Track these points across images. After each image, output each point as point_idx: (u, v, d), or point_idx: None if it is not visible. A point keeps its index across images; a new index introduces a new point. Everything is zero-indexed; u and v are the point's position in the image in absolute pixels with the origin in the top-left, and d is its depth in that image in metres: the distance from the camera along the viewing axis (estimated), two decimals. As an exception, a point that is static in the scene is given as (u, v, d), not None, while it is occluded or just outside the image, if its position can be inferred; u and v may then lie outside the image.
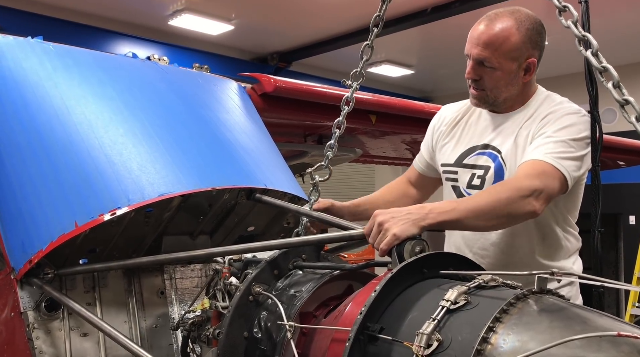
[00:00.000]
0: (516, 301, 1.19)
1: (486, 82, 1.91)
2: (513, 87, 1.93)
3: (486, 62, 1.87)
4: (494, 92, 1.93)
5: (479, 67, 1.89)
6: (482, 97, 1.97)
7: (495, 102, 1.98)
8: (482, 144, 2.04)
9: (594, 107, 1.69)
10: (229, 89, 2.75)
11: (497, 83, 1.91)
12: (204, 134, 2.21)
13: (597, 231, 1.75)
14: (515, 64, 1.89)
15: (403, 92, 11.23)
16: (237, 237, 2.28)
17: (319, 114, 3.30)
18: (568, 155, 1.80)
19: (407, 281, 1.39)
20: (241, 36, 9.02)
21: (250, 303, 1.64)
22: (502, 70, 1.88)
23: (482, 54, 1.86)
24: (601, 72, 1.20)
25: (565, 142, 1.81)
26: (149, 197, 1.86)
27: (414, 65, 10.40)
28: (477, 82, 1.93)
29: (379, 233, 1.52)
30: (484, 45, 1.85)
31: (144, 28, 8.53)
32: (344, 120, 1.89)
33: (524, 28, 1.86)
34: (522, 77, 1.92)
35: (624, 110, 1.17)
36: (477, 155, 2.03)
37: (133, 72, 2.41)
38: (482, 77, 1.91)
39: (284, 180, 2.24)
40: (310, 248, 1.80)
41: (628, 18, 7.91)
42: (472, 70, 1.90)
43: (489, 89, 1.92)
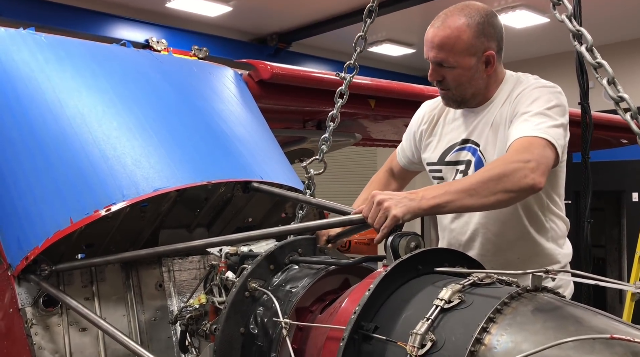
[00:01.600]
0: (510, 300, 1.18)
1: (449, 81, 1.93)
2: (477, 82, 1.94)
3: (444, 63, 1.89)
4: (459, 90, 1.95)
5: (438, 68, 1.92)
6: (450, 96, 1.98)
7: (463, 99, 1.99)
8: (461, 139, 2.06)
9: (584, 98, 1.67)
10: (225, 77, 2.72)
11: (459, 80, 1.92)
12: (199, 126, 2.19)
13: (587, 222, 1.73)
14: (474, 59, 1.89)
15: (404, 71, 11.14)
16: (234, 229, 2.28)
17: (317, 100, 3.27)
18: (548, 124, 1.78)
19: (402, 278, 1.39)
20: (240, 17, 8.91)
21: (247, 299, 1.64)
22: (461, 68, 1.89)
23: (438, 56, 1.88)
24: (596, 68, 1.18)
25: (542, 114, 1.80)
26: (144, 192, 1.85)
27: (415, 44, 10.28)
28: (441, 83, 1.95)
29: (378, 212, 1.53)
30: (439, 47, 1.87)
31: (142, 10, 8.44)
32: (338, 113, 1.87)
33: (475, 23, 1.86)
34: (484, 70, 1.93)
35: (619, 107, 1.14)
36: (457, 151, 2.06)
37: (127, 63, 2.38)
38: (444, 78, 1.93)
39: (280, 171, 2.23)
40: (306, 242, 1.79)
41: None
42: (433, 72, 1.93)
43: (453, 87, 1.94)
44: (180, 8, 8.44)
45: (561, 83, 2.11)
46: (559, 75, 2.41)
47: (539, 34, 9.22)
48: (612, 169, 9.68)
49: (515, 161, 1.67)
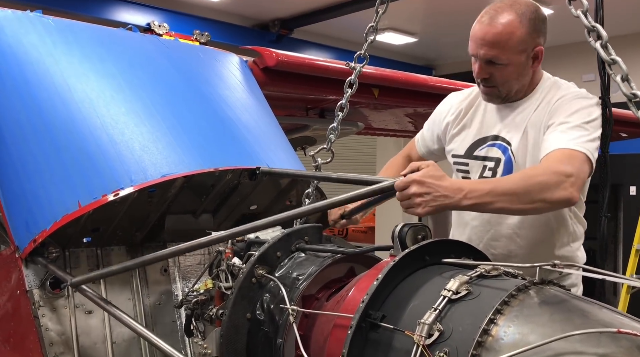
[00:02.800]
0: (517, 292, 1.20)
1: (497, 78, 1.89)
2: (524, 78, 1.92)
3: (495, 61, 1.85)
4: (506, 87, 1.92)
5: (487, 66, 1.87)
6: (494, 93, 1.95)
7: (508, 96, 1.97)
8: (492, 135, 2.02)
9: (605, 93, 1.66)
10: (231, 63, 2.72)
11: (508, 77, 1.89)
12: (206, 112, 2.20)
13: (604, 216, 1.74)
14: (524, 56, 1.87)
15: (406, 60, 11.09)
16: (239, 216, 2.29)
17: (322, 88, 3.28)
18: (587, 138, 1.77)
19: (409, 268, 1.40)
20: (242, 2, 8.85)
21: (253, 285, 1.66)
22: (512, 65, 1.86)
23: (489, 53, 1.84)
24: (610, 64, 1.19)
25: (581, 127, 1.79)
26: (152, 178, 1.86)
27: (418, 33, 10.24)
28: (487, 80, 1.91)
29: (407, 199, 1.51)
30: (490, 44, 1.83)
31: (144, -7, 8.38)
32: (347, 103, 1.88)
33: (527, 19, 1.83)
34: (532, 66, 1.91)
35: (632, 104, 1.15)
36: (487, 146, 2.02)
37: (134, 48, 2.38)
38: (492, 75, 1.90)
39: (286, 158, 2.24)
40: (312, 230, 1.81)
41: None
42: (481, 70, 1.88)
43: (500, 84, 1.91)
44: (183, -8, 8.38)
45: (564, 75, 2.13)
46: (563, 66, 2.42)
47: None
48: (610, 163, 9.72)
49: (558, 173, 1.66)
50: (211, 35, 4.88)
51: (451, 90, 4.01)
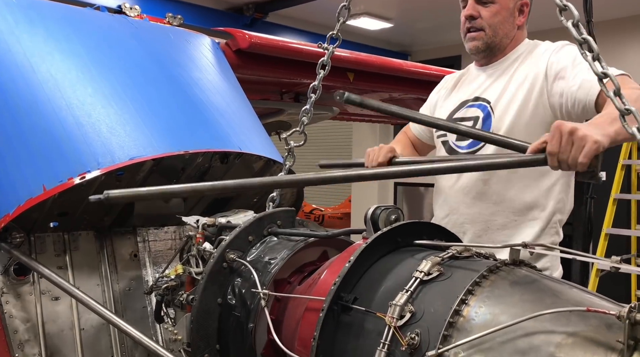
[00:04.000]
0: (489, 273, 1.20)
1: (485, 19, 1.96)
2: (508, 28, 1.98)
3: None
4: (492, 29, 1.97)
5: (476, 4, 1.96)
6: (480, 38, 1.99)
7: (493, 43, 2.00)
8: (473, 97, 2.07)
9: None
10: (202, 45, 2.67)
11: (494, 18, 1.95)
12: (176, 95, 2.15)
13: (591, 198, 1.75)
14: (512, 1, 1.95)
15: (381, 46, 11.06)
16: (211, 200, 2.26)
17: (296, 71, 3.24)
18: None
19: (382, 251, 1.39)
20: (216, -15, 8.71)
21: (224, 270, 1.63)
22: (499, 4, 1.94)
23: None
24: (581, 43, 1.18)
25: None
26: (120, 160, 1.81)
27: (393, 19, 10.20)
28: (475, 21, 1.97)
29: (572, 143, 1.27)
30: None
31: (114, -26, 8.18)
32: (319, 84, 1.85)
33: None
34: (517, 18, 1.98)
35: (602, 83, 1.15)
36: (466, 108, 2.06)
37: (102, 28, 2.31)
38: (480, 15, 1.96)
39: (259, 142, 2.20)
40: (285, 214, 1.78)
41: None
42: (470, 8, 1.96)
43: (487, 26, 1.96)
44: (154, -27, 8.20)
45: None
46: None
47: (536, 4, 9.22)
48: (581, 149, 9.88)
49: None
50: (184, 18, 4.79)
51: (427, 75, 4.03)
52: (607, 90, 1.13)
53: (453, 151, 2.06)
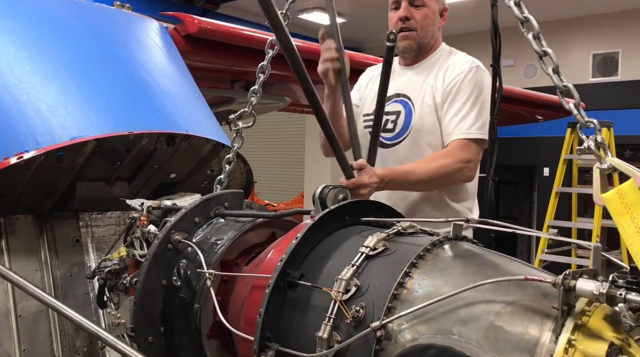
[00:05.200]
0: (432, 247, 1.22)
1: (417, 21, 2.17)
2: (433, 29, 2.22)
3: (417, 1, 2.16)
4: (423, 30, 2.19)
5: (409, 7, 2.16)
6: (412, 37, 2.20)
7: (422, 43, 2.22)
8: (394, 93, 2.26)
9: (496, 60, 1.80)
10: (150, 28, 2.60)
11: (425, 20, 2.17)
12: (121, 76, 2.09)
13: (492, 180, 1.95)
14: (437, 6, 2.20)
15: (334, 41, 11.08)
16: (157, 184, 2.21)
17: (247, 59, 3.20)
18: (483, 121, 2.12)
19: (329, 228, 1.39)
20: (166, -26, 8.53)
21: (169, 251, 1.60)
22: (429, 8, 2.17)
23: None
24: (522, 22, 1.21)
25: (477, 110, 2.13)
26: (60, 140, 1.75)
27: (346, 14, 10.26)
28: (407, 22, 2.17)
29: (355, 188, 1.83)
30: None
31: (59, -40, 7.89)
32: (268, 64, 1.83)
33: None
34: (439, 21, 2.22)
35: (542, 61, 1.18)
36: (391, 103, 2.25)
37: (42, 6, 2.22)
38: (412, 16, 2.16)
39: (207, 126, 2.17)
40: (232, 196, 1.76)
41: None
42: (404, 11, 2.16)
43: (419, 27, 2.18)
44: (102, -40, 7.97)
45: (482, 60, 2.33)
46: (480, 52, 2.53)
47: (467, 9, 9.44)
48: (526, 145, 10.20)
49: (461, 161, 2.09)
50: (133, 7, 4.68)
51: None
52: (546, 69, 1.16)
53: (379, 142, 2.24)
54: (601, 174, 1.09)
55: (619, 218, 1.04)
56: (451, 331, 1.05)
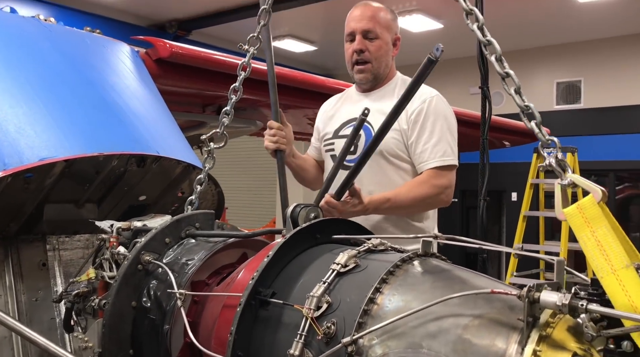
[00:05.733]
0: (402, 263, 1.24)
1: (371, 52, 2.27)
2: (387, 59, 2.33)
3: (370, 34, 2.25)
4: (377, 63, 2.29)
5: (363, 40, 2.26)
6: (368, 69, 2.30)
7: (377, 73, 2.33)
8: (354, 117, 2.30)
9: (484, 82, 1.84)
10: (120, 51, 2.61)
11: (379, 52, 2.27)
12: (91, 97, 2.08)
13: (484, 200, 1.96)
14: (390, 36, 2.31)
15: (305, 68, 11.22)
16: (127, 207, 2.19)
17: (218, 83, 3.22)
18: (452, 148, 2.26)
19: (301, 247, 1.40)
20: (137, 0, 8.57)
21: (139, 272, 1.58)
22: (382, 40, 2.27)
23: (367, 25, 2.25)
24: (485, 45, 1.26)
25: (447, 137, 2.26)
26: (28, 161, 1.73)
27: (317, 42, 10.42)
28: (362, 54, 2.27)
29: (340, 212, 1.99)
30: (368, 19, 2.25)
31: (29, -15, 7.87)
32: (240, 86, 1.86)
33: (389, 11, 2.35)
34: (392, 51, 2.34)
35: (505, 82, 1.23)
36: (350, 126, 2.35)
37: (11, 28, 2.22)
38: (367, 49, 2.26)
39: (178, 148, 2.17)
40: (204, 216, 1.76)
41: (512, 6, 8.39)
42: (359, 44, 2.26)
43: (373, 59, 2.28)
44: (73, -14, 7.96)
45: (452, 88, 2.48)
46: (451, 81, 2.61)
47: (434, 39, 9.69)
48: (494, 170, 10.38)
49: (437, 187, 2.21)
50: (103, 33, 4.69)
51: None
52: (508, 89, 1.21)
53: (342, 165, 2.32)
54: (562, 189, 1.13)
55: (579, 232, 1.08)
56: (421, 345, 1.07)
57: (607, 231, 1.07)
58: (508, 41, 9.31)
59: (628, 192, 10.36)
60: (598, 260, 1.05)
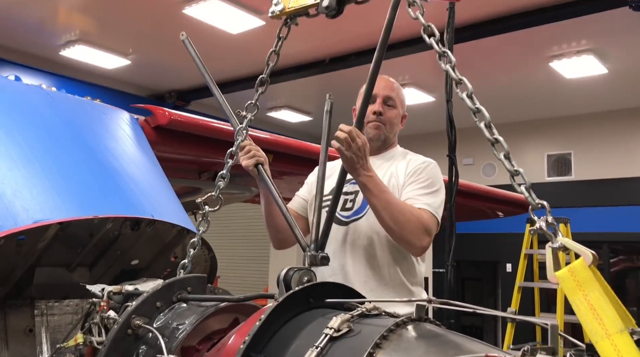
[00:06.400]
0: (396, 328, 1.22)
1: (387, 116, 2.47)
2: (397, 128, 2.53)
3: (390, 101, 2.47)
4: (389, 126, 2.48)
5: (384, 104, 2.46)
6: (381, 129, 2.46)
7: (387, 136, 2.49)
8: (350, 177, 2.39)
9: (452, 151, 1.92)
10: (120, 118, 2.67)
11: (392, 119, 2.49)
12: (88, 161, 2.11)
13: (450, 265, 1.98)
14: (402, 110, 2.53)
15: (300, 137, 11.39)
16: (119, 271, 2.17)
17: (214, 150, 3.28)
18: (438, 204, 2.30)
19: (294, 310, 1.39)
20: (138, 72, 8.83)
21: (129, 337, 1.55)
22: (397, 110, 2.49)
23: (390, 93, 2.47)
24: (475, 112, 1.31)
25: (438, 195, 2.32)
26: (22, 223, 1.73)
27: (312, 112, 10.68)
28: (381, 116, 2.46)
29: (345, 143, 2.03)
30: (391, 89, 2.49)
31: (33, 57, 8.11)
32: (237, 150, 1.89)
33: (402, 90, 2.58)
34: (399, 124, 2.54)
35: (494, 148, 1.27)
36: (349, 184, 2.38)
37: (14, 94, 2.28)
38: (384, 112, 2.46)
39: (173, 212, 2.18)
40: (196, 281, 1.75)
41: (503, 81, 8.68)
42: (380, 105, 2.45)
43: (387, 122, 2.47)
44: (76, 57, 8.21)
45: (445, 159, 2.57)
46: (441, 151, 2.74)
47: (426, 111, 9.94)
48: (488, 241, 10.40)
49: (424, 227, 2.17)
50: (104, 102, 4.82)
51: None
52: (498, 154, 1.24)
53: (338, 220, 2.37)
54: (553, 253, 1.14)
55: (572, 296, 1.08)
56: (415, 411, 1.04)
57: (599, 294, 1.07)
58: (499, 114, 9.58)
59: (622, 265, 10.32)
60: (592, 324, 1.04)
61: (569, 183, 10.22)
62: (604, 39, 7.30)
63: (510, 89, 9.02)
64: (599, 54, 7.67)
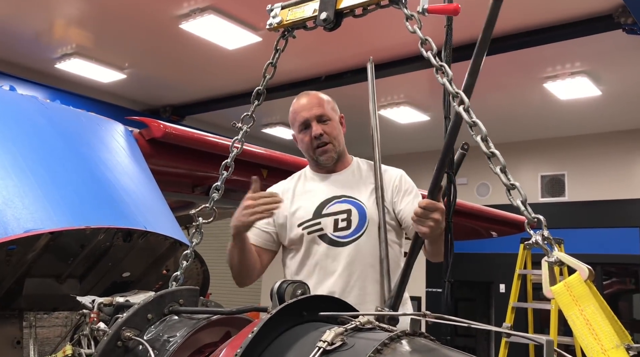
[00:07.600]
0: (390, 342, 1.21)
1: (329, 133, 2.34)
2: (341, 136, 2.43)
3: (323, 117, 2.34)
4: (337, 141, 2.38)
5: (319, 124, 2.33)
6: (330, 149, 2.36)
7: (339, 151, 2.40)
8: (335, 195, 2.34)
9: (450, 168, 1.94)
10: (114, 130, 2.66)
11: (334, 132, 2.36)
12: (81, 172, 2.10)
13: (448, 281, 1.98)
14: (337, 116, 2.42)
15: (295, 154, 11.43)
16: (109, 283, 2.14)
17: (209, 164, 3.27)
18: None
19: (286, 324, 1.37)
20: (134, 86, 8.84)
21: (118, 349, 1.52)
22: (334, 121, 2.37)
23: (318, 111, 2.33)
24: (471, 126, 1.31)
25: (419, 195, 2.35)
26: (13, 233, 1.71)
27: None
28: (322, 138, 2.33)
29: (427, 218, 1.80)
30: (316, 105, 2.34)
31: (29, 69, 8.12)
32: (232, 162, 1.88)
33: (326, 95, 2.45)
34: (342, 129, 2.43)
35: (491, 161, 1.26)
36: (334, 204, 2.33)
37: (9, 104, 2.27)
38: (324, 131, 2.33)
39: (166, 224, 2.16)
40: (188, 293, 1.72)
41: (497, 101, 8.74)
42: (317, 128, 2.32)
43: (332, 138, 2.35)
44: (71, 71, 8.22)
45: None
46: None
47: (420, 130, 9.99)
48: (482, 261, 10.38)
49: None
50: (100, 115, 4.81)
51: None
52: (494, 168, 1.24)
53: (334, 242, 2.27)
54: (549, 267, 1.13)
55: (567, 310, 1.07)
56: None
57: (595, 309, 1.06)
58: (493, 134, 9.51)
59: (616, 287, 10.30)
60: (587, 339, 1.03)
61: (562, 204, 10.25)
62: (598, 61, 7.37)
63: (504, 110, 9.08)
64: (593, 76, 7.74)
